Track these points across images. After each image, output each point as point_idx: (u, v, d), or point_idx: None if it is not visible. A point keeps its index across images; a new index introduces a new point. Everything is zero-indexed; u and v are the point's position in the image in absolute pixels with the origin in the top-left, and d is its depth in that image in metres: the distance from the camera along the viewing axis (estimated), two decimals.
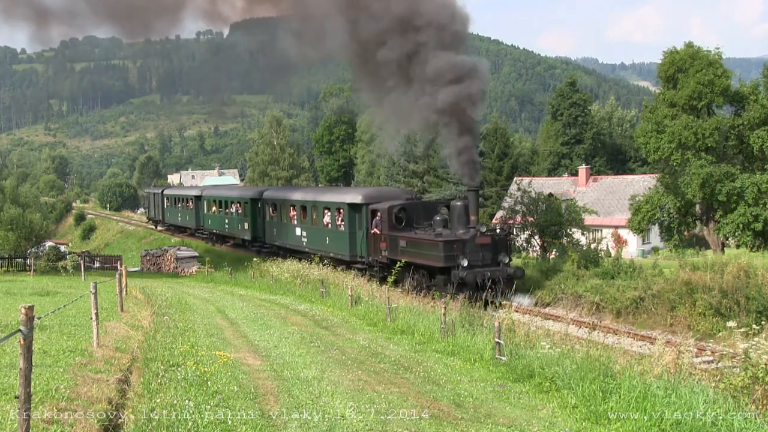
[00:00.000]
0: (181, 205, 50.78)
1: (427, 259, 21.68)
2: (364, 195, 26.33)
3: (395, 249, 23.31)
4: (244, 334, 12.97)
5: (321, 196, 29.75)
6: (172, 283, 30.39)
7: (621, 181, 50.24)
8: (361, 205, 25.83)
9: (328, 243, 27.96)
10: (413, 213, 24.30)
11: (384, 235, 24.06)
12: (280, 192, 36.11)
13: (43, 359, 8.72)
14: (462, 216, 21.83)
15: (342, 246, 26.81)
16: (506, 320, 12.05)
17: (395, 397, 8.32)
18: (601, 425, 7.50)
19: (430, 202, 27.35)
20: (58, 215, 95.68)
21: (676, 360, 9.73)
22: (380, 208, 24.40)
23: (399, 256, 22.60)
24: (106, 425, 6.49)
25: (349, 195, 27.23)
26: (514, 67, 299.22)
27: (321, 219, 28.73)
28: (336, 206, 27.58)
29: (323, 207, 28.67)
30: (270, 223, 34.75)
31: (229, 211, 40.51)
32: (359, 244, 25.93)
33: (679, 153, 30.91)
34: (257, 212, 36.42)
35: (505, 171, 57.17)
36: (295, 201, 31.83)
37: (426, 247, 21.78)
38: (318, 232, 29.06)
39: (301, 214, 30.80)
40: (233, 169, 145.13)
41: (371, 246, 25.05)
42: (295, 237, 31.31)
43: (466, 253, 21.05)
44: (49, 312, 10.94)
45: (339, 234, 27.17)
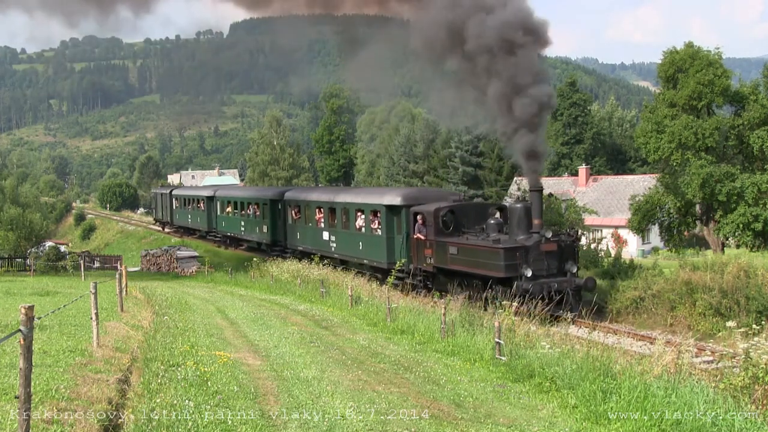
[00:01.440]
0: (192, 206, 48.22)
1: (484, 269, 19.19)
2: (404, 196, 24.10)
3: (443, 256, 20.99)
4: (244, 334, 12.97)
5: (353, 197, 27.26)
6: (172, 283, 30.40)
7: (621, 181, 50.26)
8: (401, 207, 23.56)
9: (362, 248, 25.47)
10: (462, 216, 21.95)
11: (429, 240, 21.72)
12: (304, 192, 33.53)
13: (43, 359, 8.72)
14: (523, 220, 19.44)
15: (378, 252, 24.42)
16: (506, 320, 12.04)
17: (395, 397, 8.32)
18: (601, 425, 7.50)
19: (480, 204, 25.30)
20: (58, 215, 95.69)
21: (676, 360, 9.73)
22: (425, 211, 22.05)
23: (448, 264, 20.59)
24: (106, 425, 6.49)
25: (387, 196, 24.79)
26: None
27: (353, 222, 26.33)
28: (371, 208, 25.17)
29: (356, 209, 26.20)
30: (292, 226, 32.31)
31: (246, 212, 38.14)
32: (398, 250, 23.60)
33: (679, 153, 30.91)
34: (277, 214, 34.05)
35: (505, 171, 57.11)
36: (322, 202, 29.29)
37: (483, 255, 19.31)
38: (349, 236, 26.63)
39: (329, 217, 28.38)
40: (233, 169, 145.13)
41: (413, 252, 22.70)
42: (321, 241, 28.86)
43: (529, 262, 18.69)
44: (49, 312, 10.94)
45: (375, 239, 24.78)
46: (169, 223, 54.76)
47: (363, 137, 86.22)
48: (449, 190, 51.06)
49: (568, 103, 60.64)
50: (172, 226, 54.76)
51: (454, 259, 20.49)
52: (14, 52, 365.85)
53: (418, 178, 64.52)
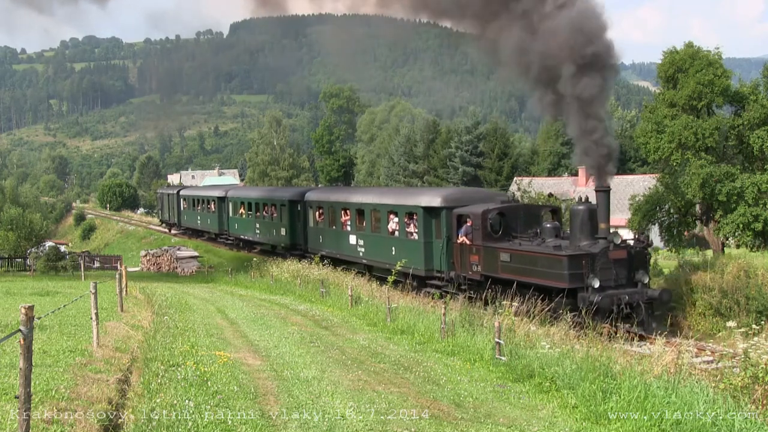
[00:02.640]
0: (201, 207, 45.78)
1: (543, 278, 17.22)
2: (445, 197, 21.90)
3: (493, 263, 18.98)
4: (244, 334, 12.97)
5: (385, 198, 25.26)
6: (172, 283, 30.41)
7: (621, 181, 50.24)
8: (441, 209, 21.46)
9: (395, 254, 23.25)
10: (512, 219, 19.95)
11: (476, 246, 19.68)
12: (328, 192, 31.43)
13: (43, 359, 8.72)
14: (586, 223, 17.39)
15: (414, 258, 22.29)
16: (506, 320, 12.05)
17: (395, 397, 8.32)
18: (601, 425, 7.50)
19: (531, 206, 23.12)
20: (58, 215, 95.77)
21: (676, 360, 9.73)
22: (471, 213, 20.04)
23: (499, 272, 18.66)
24: (106, 425, 6.49)
25: (425, 197, 22.70)
26: None
27: (385, 225, 24.26)
28: (406, 210, 23.09)
29: (388, 211, 24.18)
30: (314, 229, 30.00)
31: (262, 214, 36.01)
32: (438, 256, 21.62)
33: (679, 153, 30.91)
34: (296, 216, 31.80)
35: (505, 171, 57.16)
36: (349, 203, 27.08)
37: (542, 263, 17.33)
38: (380, 240, 24.55)
39: (356, 219, 26.16)
40: (233, 169, 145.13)
41: (456, 259, 20.68)
42: (348, 246, 26.62)
43: (596, 271, 16.70)
44: (49, 312, 10.94)
45: (410, 244, 22.77)
46: (177, 224, 52.81)
47: (363, 137, 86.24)
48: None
49: None
50: (179, 227, 52.74)
51: (507, 266, 18.49)
52: (14, 52, 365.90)
53: (418, 178, 64.52)
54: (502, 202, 20.79)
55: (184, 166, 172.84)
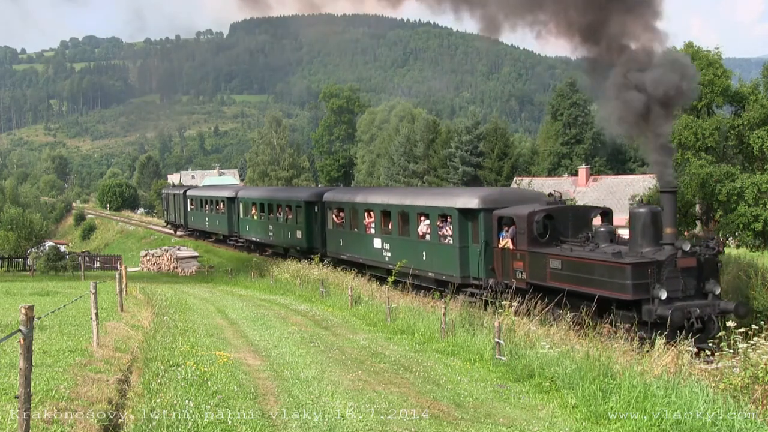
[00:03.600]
0: (210, 208, 44.00)
1: (601, 288, 15.52)
2: (483, 198, 20.20)
3: (541, 271, 17.40)
4: (244, 334, 12.97)
5: (415, 199, 23.44)
6: (173, 283, 30.42)
7: (621, 181, 50.27)
8: (478, 211, 19.83)
9: (426, 259, 21.80)
10: (560, 222, 18.34)
11: (521, 251, 18.08)
12: (350, 193, 29.48)
13: (43, 359, 8.72)
14: (649, 227, 15.80)
15: (448, 263, 20.70)
16: (506, 320, 12.05)
17: (395, 397, 8.32)
18: (601, 425, 7.51)
19: (580, 208, 21.70)
20: (58, 215, 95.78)
21: (676, 360, 9.74)
22: (515, 215, 18.44)
23: (548, 280, 17.11)
24: (106, 425, 6.49)
25: (461, 197, 20.96)
26: (514, 67, 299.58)
27: (414, 228, 22.59)
28: (439, 212, 21.41)
29: (418, 212, 22.52)
30: (333, 232, 28.26)
31: (275, 215, 34.27)
32: (475, 262, 19.96)
33: (679, 153, 30.93)
34: (313, 217, 30.20)
35: (505, 171, 57.16)
36: (373, 204, 25.35)
37: (600, 271, 15.68)
38: (409, 244, 22.89)
39: (381, 221, 24.56)
40: (233, 169, 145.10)
41: (497, 264, 19.00)
42: (372, 250, 24.98)
43: (663, 281, 15.01)
44: (49, 312, 10.95)
45: (443, 248, 21.09)
46: (183, 226, 50.86)
47: (363, 137, 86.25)
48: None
49: (568, 103, 60.65)
50: (186, 229, 50.72)
51: (557, 274, 16.87)
52: (14, 52, 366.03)
53: (418, 178, 64.54)
54: (547, 204, 19.08)
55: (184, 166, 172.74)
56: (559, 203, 19.37)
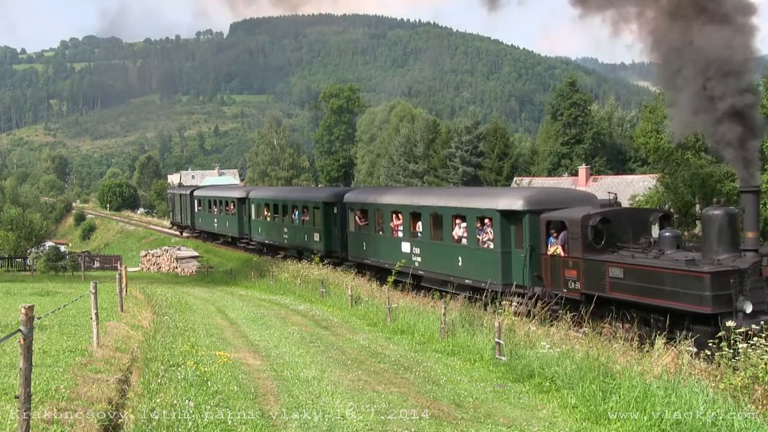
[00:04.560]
0: (219, 209, 42.27)
1: (674, 300, 13.88)
2: (528, 199, 18.61)
3: (598, 280, 15.82)
4: (244, 334, 12.98)
5: (449, 200, 21.72)
6: (173, 283, 30.42)
7: (621, 181, 50.27)
8: (523, 213, 18.29)
9: (462, 265, 20.23)
10: (617, 226, 16.80)
11: (574, 258, 16.56)
12: (374, 193, 27.40)
13: (43, 359, 8.72)
14: (725, 232, 14.22)
15: (488, 270, 19.04)
16: (506, 320, 12.05)
17: (395, 397, 8.32)
18: (601, 425, 7.51)
19: (639, 210, 20.17)
20: (58, 215, 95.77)
21: (676, 360, 9.73)
22: (567, 219, 16.91)
23: (607, 291, 15.52)
24: (106, 425, 6.49)
25: (503, 198, 19.37)
26: (514, 67, 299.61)
27: (448, 231, 21.01)
28: (478, 214, 19.83)
29: (453, 215, 20.87)
30: (356, 235, 26.49)
31: (290, 217, 32.49)
32: (519, 269, 18.45)
33: (679, 153, 30.93)
34: (332, 219, 28.54)
35: (505, 171, 57.17)
36: (401, 206, 23.81)
37: (671, 281, 14.02)
38: (442, 249, 21.30)
39: (410, 224, 23.00)
40: (233, 169, 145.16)
41: (545, 272, 17.48)
42: (399, 254, 23.24)
43: (746, 292, 13.32)
44: (49, 312, 10.95)
45: (483, 254, 19.43)
46: (190, 227, 49.07)
47: (363, 137, 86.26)
48: None
49: (568, 103, 60.64)
50: (192, 230, 48.93)
51: (618, 284, 15.29)
52: (14, 52, 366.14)
53: (418, 178, 64.56)
54: (602, 206, 17.65)
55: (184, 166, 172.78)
56: (614, 205, 17.76)
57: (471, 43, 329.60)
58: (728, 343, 9.28)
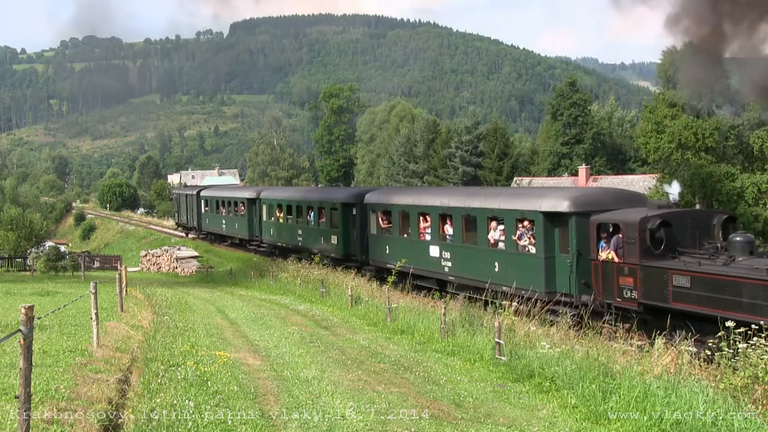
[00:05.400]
0: (227, 210, 41.04)
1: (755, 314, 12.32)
2: (575, 199, 17.13)
3: (660, 289, 14.40)
4: (244, 334, 12.98)
5: (485, 201, 20.08)
6: (173, 283, 30.42)
7: (621, 181, 50.25)
8: (569, 215, 16.85)
9: (499, 271, 18.77)
10: (679, 229, 15.41)
11: (630, 264, 15.15)
12: (398, 194, 25.73)
13: (43, 359, 8.73)
14: None
15: (530, 277, 17.61)
16: (506, 320, 12.05)
17: (395, 397, 8.32)
18: (601, 425, 7.51)
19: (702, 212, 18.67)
20: (58, 215, 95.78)
21: (676, 360, 9.73)
22: (622, 222, 15.49)
23: (670, 301, 14.18)
24: (106, 425, 6.49)
25: (547, 199, 17.77)
26: (514, 67, 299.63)
27: (483, 234, 19.52)
28: (518, 216, 18.33)
29: (489, 217, 19.39)
30: (378, 237, 25.09)
31: (305, 219, 31.04)
32: (564, 276, 17.01)
33: (679, 153, 30.95)
34: (351, 221, 27.04)
35: (505, 171, 57.18)
36: (429, 207, 22.31)
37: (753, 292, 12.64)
38: (476, 253, 19.89)
39: (439, 227, 21.60)
40: (233, 169, 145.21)
41: (595, 280, 16.06)
42: (426, 259, 22.01)
43: None
44: (49, 312, 10.95)
45: (523, 259, 18.07)
46: (196, 228, 47.57)
47: (363, 137, 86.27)
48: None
49: (568, 103, 60.65)
50: (199, 232, 47.52)
51: (684, 294, 13.91)
52: (14, 52, 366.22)
53: (418, 178, 64.57)
54: (659, 207, 16.08)
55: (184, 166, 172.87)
56: (674, 206, 16.19)
57: (471, 43, 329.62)
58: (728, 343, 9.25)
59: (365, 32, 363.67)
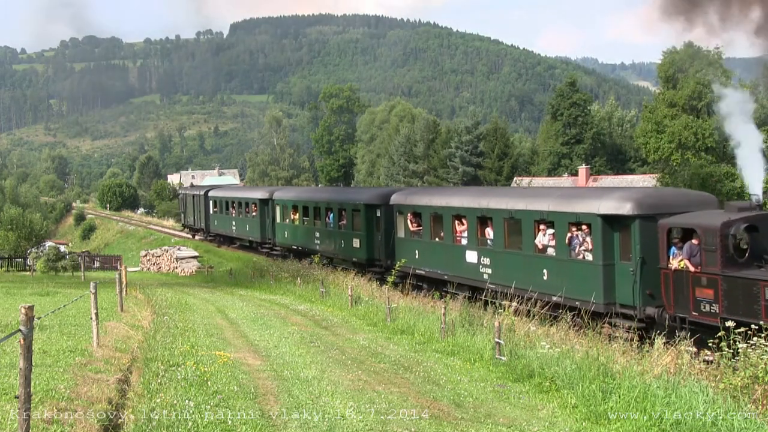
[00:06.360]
0: (238, 211, 39.65)
1: None
2: (639, 201, 15.35)
3: (748, 303, 12.65)
4: (244, 334, 12.98)
5: (530, 202, 18.22)
6: (173, 283, 30.41)
7: (621, 181, 50.24)
8: (631, 219, 15.10)
9: (547, 279, 17.09)
10: (765, 235, 13.75)
11: (710, 275, 13.39)
12: (429, 194, 23.78)
13: (43, 359, 8.73)
14: None
15: (585, 286, 15.99)
16: (506, 320, 12.05)
17: (395, 397, 8.32)
18: (601, 425, 7.51)
19: None
20: (58, 215, 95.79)
21: (676, 360, 9.73)
22: (699, 226, 13.78)
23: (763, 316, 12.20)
24: (106, 425, 6.49)
25: (605, 201, 15.99)
26: (514, 67, 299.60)
27: (529, 239, 17.84)
28: (570, 219, 16.57)
29: (536, 220, 17.64)
30: (406, 241, 23.41)
31: (323, 221, 29.40)
32: (626, 285, 15.23)
33: (679, 153, 30.98)
34: (375, 224, 25.47)
35: (505, 171, 57.18)
36: (465, 209, 20.53)
37: None
38: (521, 259, 18.18)
39: (477, 230, 19.92)
40: (233, 169, 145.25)
41: (667, 291, 14.29)
42: (463, 265, 20.27)
43: None
44: (49, 312, 10.95)
45: (577, 266, 16.35)
46: (204, 230, 45.99)
47: (363, 137, 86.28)
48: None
49: (568, 103, 60.66)
50: (206, 233, 45.92)
51: None
52: (14, 52, 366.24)
53: (418, 178, 64.57)
54: (739, 209, 14.17)
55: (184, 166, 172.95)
56: (757, 208, 14.46)
57: (471, 43, 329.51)
58: (728, 343, 9.20)
59: (365, 32, 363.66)
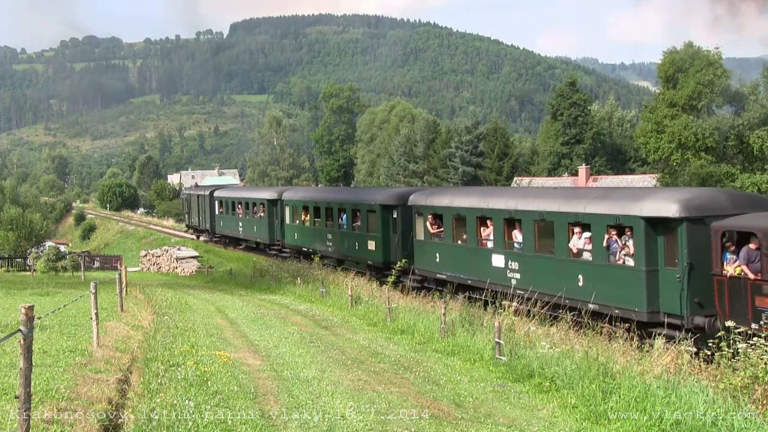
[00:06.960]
0: (244, 212, 38.69)
1: None
2: (686, 202, 14.21)
3: None
4: (244, 334, 12.98)
5: (564, 203, 17.05)
6: (173, 283, 30.41)
7: (621, 181, 50.24)
8: (678, 221, 14.03)
9: (583, 285, 16.07)
10: None
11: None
12: (450, 195, 22.34)
13: (43, 359, 8.72)
14: None
15: (626, 293, 14.92)
16: (506, 320, 12.05)
17: (395, 397, 8.32)
18: (601, 425, 7.50)
19: None
20: (58, 215, 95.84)
21: (676, 360, 9.73)
22: (761, 229, 12.70)
23: None
24: (106, 425, 6.49)
25: (648, 202, 14.83)
26: (514, 67, 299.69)
27: (563, 242, 16.74)
28: (609, 222, 15.46)
29: (571, 222, 16.60)
30: (426, 244, 22.31)
31: (336, 222, 28.35)
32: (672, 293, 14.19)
33: (679, 153, 30.98)
34: (391, 225, 24.57)
35: (505, 171, 57.18)
36: (491, 210, 19.38)
37: None
38: (553, 264, 17.09)
39: (504, 233, 18.86)
40: (233, 169, 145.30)
41: (719, 299, 13.32)
42: (489, 269, 19.15)
43: None
44: (49, 312, 10.95)
45: (617, 272, 15.22)
46: (209, 231, 44.96)
47: (363, 137, 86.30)
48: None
49: (568, 103, 60.65)
50: (212, 235, 44.97)
51: None
52: (14, 52, 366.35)
53: (418, 178, 64.57)
54: None
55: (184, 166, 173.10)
56: None
57: (471, 43, 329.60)
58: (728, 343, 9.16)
59: (365, 32, 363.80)
